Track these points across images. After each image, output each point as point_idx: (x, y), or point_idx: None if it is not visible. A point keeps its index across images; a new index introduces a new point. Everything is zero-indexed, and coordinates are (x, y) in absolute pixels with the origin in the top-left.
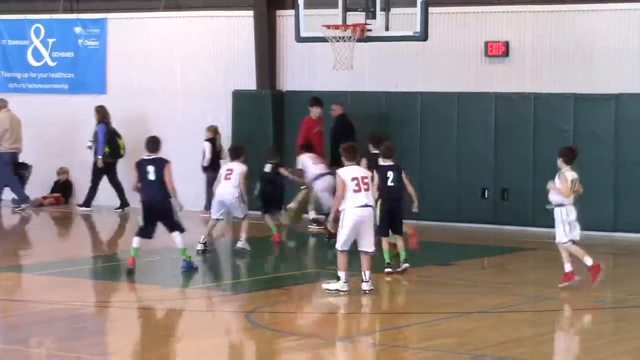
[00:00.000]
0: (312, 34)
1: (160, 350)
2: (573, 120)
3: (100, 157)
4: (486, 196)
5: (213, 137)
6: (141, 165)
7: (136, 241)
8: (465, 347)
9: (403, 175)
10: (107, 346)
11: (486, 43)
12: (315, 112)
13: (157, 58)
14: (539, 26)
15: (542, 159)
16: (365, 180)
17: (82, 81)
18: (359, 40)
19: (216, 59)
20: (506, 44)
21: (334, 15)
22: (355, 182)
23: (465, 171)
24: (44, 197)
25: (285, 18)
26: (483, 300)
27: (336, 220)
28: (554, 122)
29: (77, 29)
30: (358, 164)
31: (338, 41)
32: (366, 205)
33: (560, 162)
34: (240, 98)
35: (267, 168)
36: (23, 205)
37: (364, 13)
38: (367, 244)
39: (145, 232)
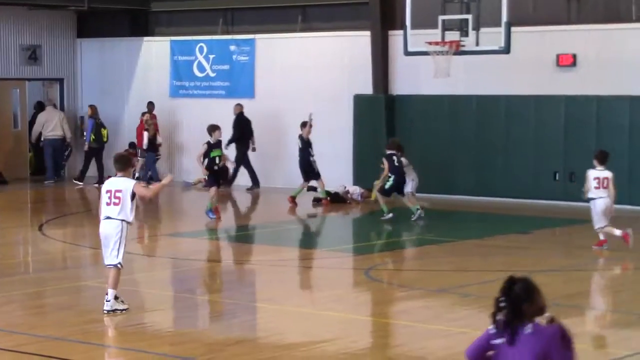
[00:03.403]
0: (417, 49)
1: (297, 298)
2: (629, 117)
3: (87, 142)
4: (557, 178)
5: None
6: None
7: None
8: None
9: (403, 159)
10: (257, 295)
11: (557, 55)
12: None
13: (294, 69)
14: (601, 41)
15: (603, 148)
16: (118, 195)
17: (236, 88)
18: (455, 54)
19: (340, 70)
20: (574, 56)
21: (435, 34)
22: (108, 194)
23: (541, 158)
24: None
25: (395, 37)
26: (555, 260)
27: None
28: (613, 119)
29: (232, 47)
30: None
31: (438, 55)
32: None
33: (595, 162)
34: (360, 101)
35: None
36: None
37: (458, 32)
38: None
39: None
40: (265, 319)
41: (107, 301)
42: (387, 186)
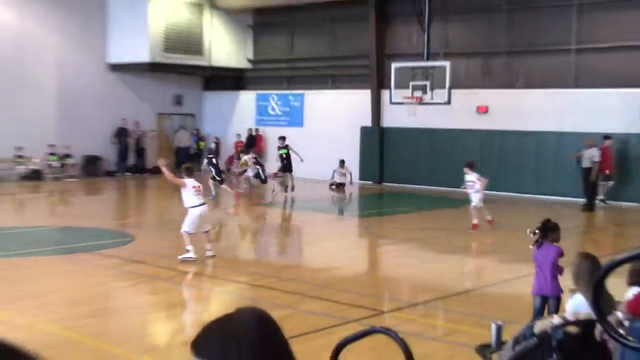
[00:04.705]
0: (397, 100)
1: (324, 242)
2: (518, 143)
3: (191, 149)
4: None
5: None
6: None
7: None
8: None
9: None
10: (300, 239)
11: (477, 106)
12: (607, 142)
13: (325, 111)
14: (503, 98)
15: (504, 164)
16: (199, 189)
17: (292, 121)
18: (419, 104)
19: (353, 111)
20: (487, 107)
21: (408, 92)
22: (196, 189)
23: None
24: (275, 173)
25: (385, 93)
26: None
27: None
28: (509, 145)
29: (291, 98)
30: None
31: (409, 104)
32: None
33: (466, 169)
34: (364, 130)
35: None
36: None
37: (421, 91)
38: (205, 227)
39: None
40: (306, 254)
41: (209, 250)
42: (254, 174)
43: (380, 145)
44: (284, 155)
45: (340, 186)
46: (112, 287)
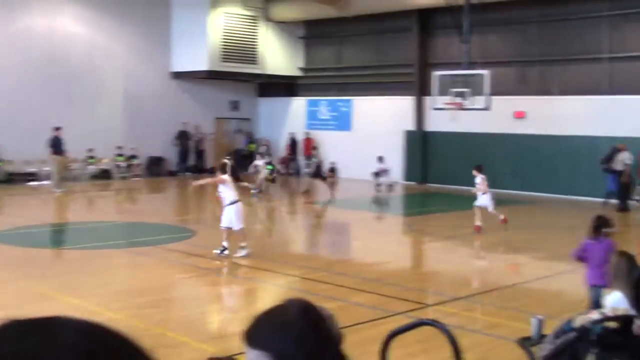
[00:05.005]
0: (439, 106)
1: (372, 239)
2: (552, 146)
3: (242, 150)
4: (511, 176)
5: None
6: None
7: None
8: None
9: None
10: (350, 236)
11: (514, 111)
12: None
13: (371, 116)
14: (539, 104)
15: (539, 166)
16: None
17: (340, 125)
18: (460, 109)
19: (398, 116)
20: (526, 113)
21: (448, 98)
22: (232, 184)
23: (502, 165)
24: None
25: (427, 99)
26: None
27: None
28: (543, 147)
29: (339, 104)
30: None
31: (450, 109)
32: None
33: (474, 172)
34: (408, 134)
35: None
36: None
37: (461, 97)
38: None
39: None
40: (354, 249)
41: (226, 248)
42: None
43: (423, 148)
44: (315, 164)
45: (384, 185)
46: (174, 278)
